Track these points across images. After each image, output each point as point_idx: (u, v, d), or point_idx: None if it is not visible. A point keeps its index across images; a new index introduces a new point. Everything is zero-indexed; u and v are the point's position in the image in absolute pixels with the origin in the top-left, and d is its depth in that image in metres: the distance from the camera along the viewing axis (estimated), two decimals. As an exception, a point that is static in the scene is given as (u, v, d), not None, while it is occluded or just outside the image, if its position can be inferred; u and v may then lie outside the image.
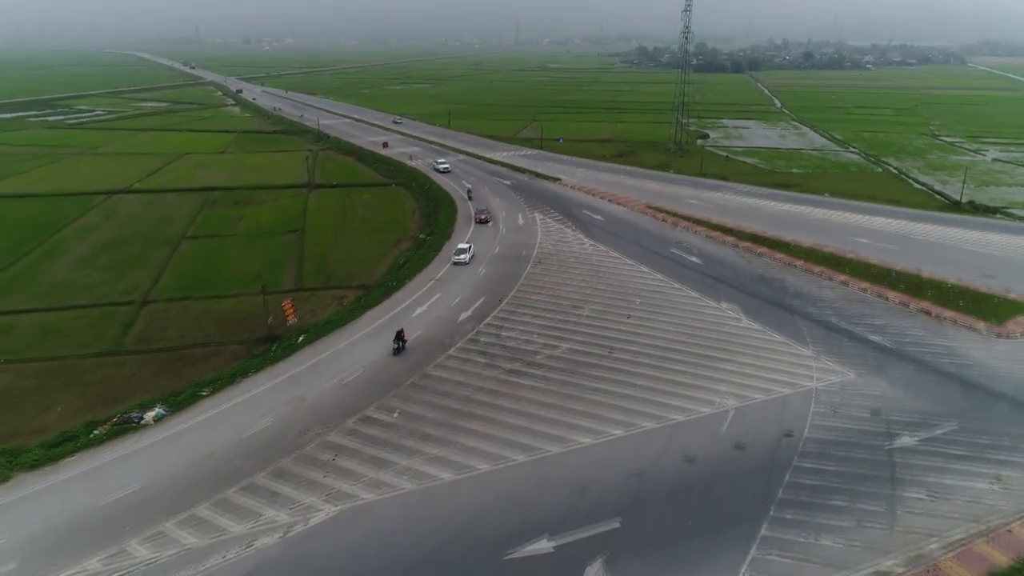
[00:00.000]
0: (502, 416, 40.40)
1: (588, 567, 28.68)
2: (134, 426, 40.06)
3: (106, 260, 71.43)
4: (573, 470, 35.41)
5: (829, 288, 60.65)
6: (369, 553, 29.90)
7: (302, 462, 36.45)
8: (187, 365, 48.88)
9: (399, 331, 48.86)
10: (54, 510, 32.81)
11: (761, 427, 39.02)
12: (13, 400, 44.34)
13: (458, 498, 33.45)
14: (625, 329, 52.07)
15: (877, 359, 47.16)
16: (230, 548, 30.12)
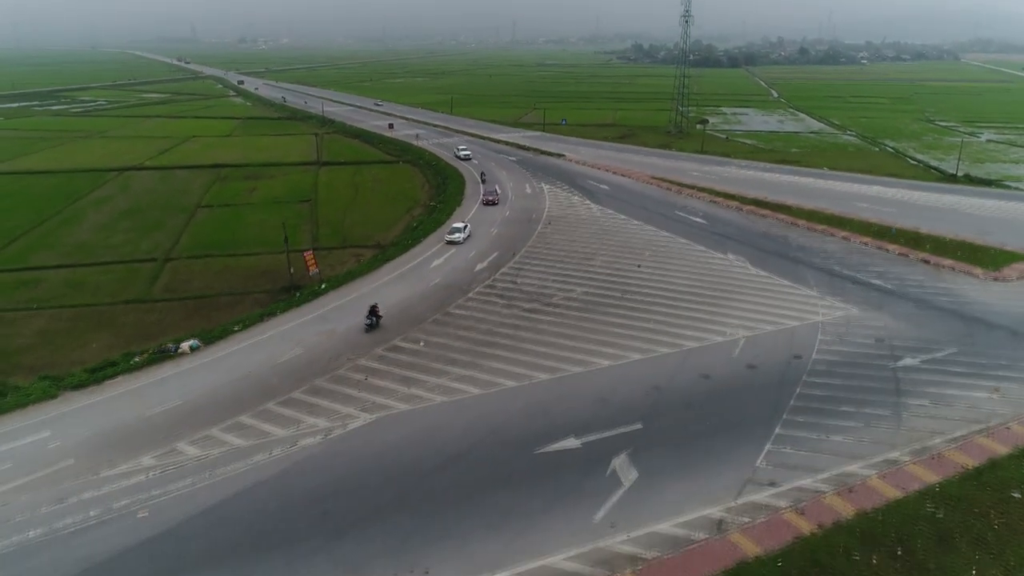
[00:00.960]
0: (524, 345, 42.24)
1: (614, 459, 30.50)
2: (171, 355, 41.74)
3: (125, 225, 73.08)
4: (594, 385, 37.27)
5: (831, 242, 62.73)
6: (407, 449, 31.69)
7: (336, 381, 38.25)
8: (214, 311, 50.52)
9: (372, 306, 45.30)
10: (103, 420, 34.50)
11: (771, 352, 40.94)
12: (49, 339, 45.95)
13: (487, 407, 35.30)
14: (637, 276, 53.99)
15: (879, 298, 49.17)
16: (274, 447, 31.87)
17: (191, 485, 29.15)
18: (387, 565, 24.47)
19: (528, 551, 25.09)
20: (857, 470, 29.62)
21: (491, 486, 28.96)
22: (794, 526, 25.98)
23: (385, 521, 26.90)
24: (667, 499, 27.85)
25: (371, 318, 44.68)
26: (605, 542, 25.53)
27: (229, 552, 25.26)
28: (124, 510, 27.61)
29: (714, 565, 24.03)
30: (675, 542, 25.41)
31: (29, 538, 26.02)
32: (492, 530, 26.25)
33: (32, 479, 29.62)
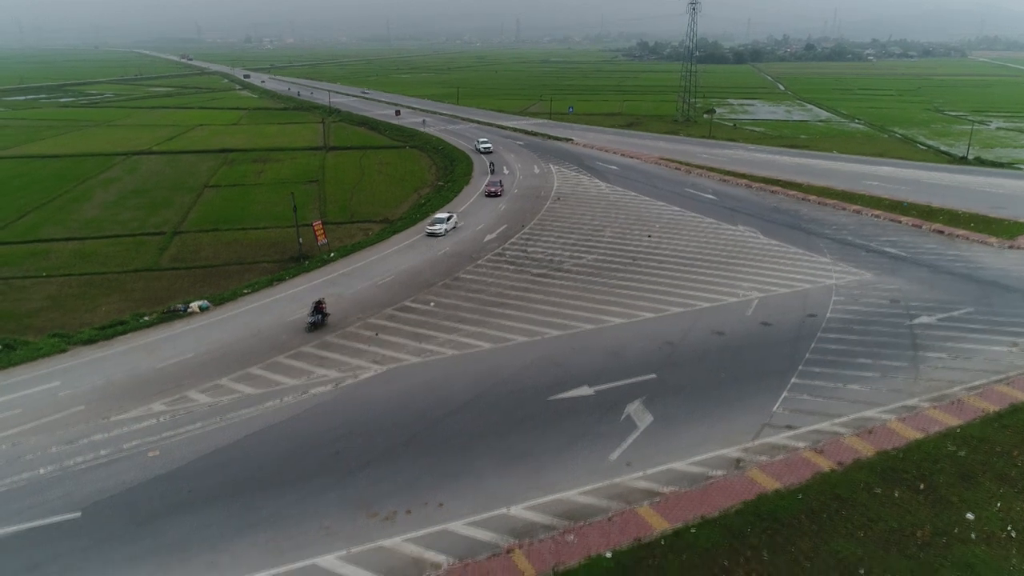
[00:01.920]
0: (534, 305, 41.92)
1: (628, 406, 30.14)
2: (180, 314, 41.58)
3: (133, 203, 73.04)
4: (606, 341, 36.91)
5: (842, 216, 62.23)
6: (419, 397, 31.38)
7: (346, 337, 37.99)
8: (222, 279, 50.32)
9: (318, 302, 39.65)
10: (113, 370, 34.32)
11: (784, 311, 40.51)
12: (58, 303, 45.83)
13: (498, 359, 34.98)
14: (647, 245, 53.62)
15: (893, 265, 48.67)
16: (285, 395, 31.60)
17: (201, 428, 28.91)
18: (399, 500, 24.15)
19: (543, 487, 24.74)
20: (876, 415, 29.19)
21: (504, 429, 28.64)
22: (813, 463, 25.56)
23: (397, 461, 26.60)
24: (683, 441, 27.47)
25: (316, 315, 38.95)
26: (620, 478, 25.17)
27: (240, 488, 24.98)
28: (134, 450, 27.38)
29: (733, 498, 23.63)
30: (692, 479, 25.03)
31: (40, 474, 25.81)
32: (506, 469, 25.91)
33: (42, 423, 29.42)
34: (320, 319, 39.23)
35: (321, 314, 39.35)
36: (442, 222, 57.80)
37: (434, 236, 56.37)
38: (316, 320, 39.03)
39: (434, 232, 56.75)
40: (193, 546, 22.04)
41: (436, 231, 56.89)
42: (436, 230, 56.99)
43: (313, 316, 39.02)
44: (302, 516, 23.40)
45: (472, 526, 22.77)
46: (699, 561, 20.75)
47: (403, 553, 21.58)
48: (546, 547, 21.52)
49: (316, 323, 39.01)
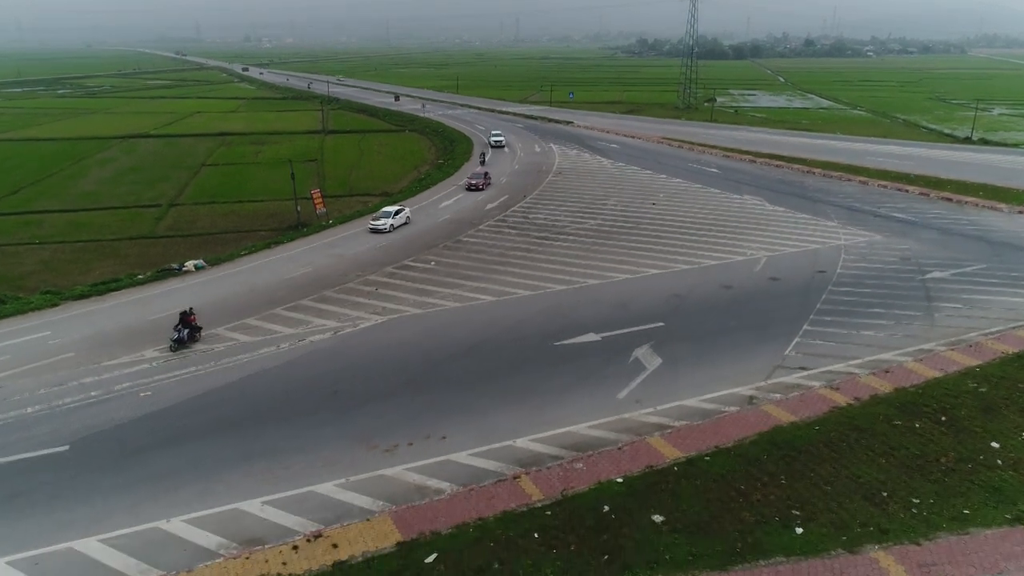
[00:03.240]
0: (537, 264, 41.02)
1: (636, 349, 29.21)
2: (175, 273, 40.65)
3: (130, 179, 72.06)
4: (612, 294, 36.02)
5: (848, 186, 61.39)
6: (420, 343, 30.45)
7: (345, 292, 37.06)
8: (219, 245, 49.26)
9: (184, 312, 30.67)
10: (105, 322, 33.37)
11: (793, 268, 39.63)
12: (52, 267, 44.82)
13: (502, 310, 34.08)
14: (652, 213, 52.73)
15: (902, 228, 47.79)
16: (282, 343, 30.65)
17: (195, 371, 27.96)
18: (400, 434, 23.20)
19: (549, 421, 23.79)
20: (892, 357, 28.27)
21: (508, 371, 27.71)
22: (829, 399, 24.63)
23: (396, 399, 25.66)
24: (693, 381, 26.55)
25: (181, 329, 29.98)
26: (630, 414, 24.25)
27: (233, 425, 24.01)
28: (125, 391, 26.42)
29: (748, 429, 22.68)
30: (704, 414, 24.09)
31: (27, 412, 24.83)
32: (511, 405, 24.97)
33: (30, 368, 28.44)
34: (185, 335, 29.92)
35: (189, 328, 30.19)
36: (388, 216, 49.10)
37: (377, 232, 47.77)
38: (182, 336, 29.84)
39: (377, 228, 48.05)
40: (184, 476, 21.09)
41: (379, 227, 48.03)
42: (379, 226, 48.07)
43: (178, 331, 29.92)
44: (299, 449, 22.45)
45: (476, 456, 21.84)
46: (713, 486, 19.81)
47: (405, 481, 20.64)
48: (554, 473, 20.58)
49: (182, 340, 29.82)
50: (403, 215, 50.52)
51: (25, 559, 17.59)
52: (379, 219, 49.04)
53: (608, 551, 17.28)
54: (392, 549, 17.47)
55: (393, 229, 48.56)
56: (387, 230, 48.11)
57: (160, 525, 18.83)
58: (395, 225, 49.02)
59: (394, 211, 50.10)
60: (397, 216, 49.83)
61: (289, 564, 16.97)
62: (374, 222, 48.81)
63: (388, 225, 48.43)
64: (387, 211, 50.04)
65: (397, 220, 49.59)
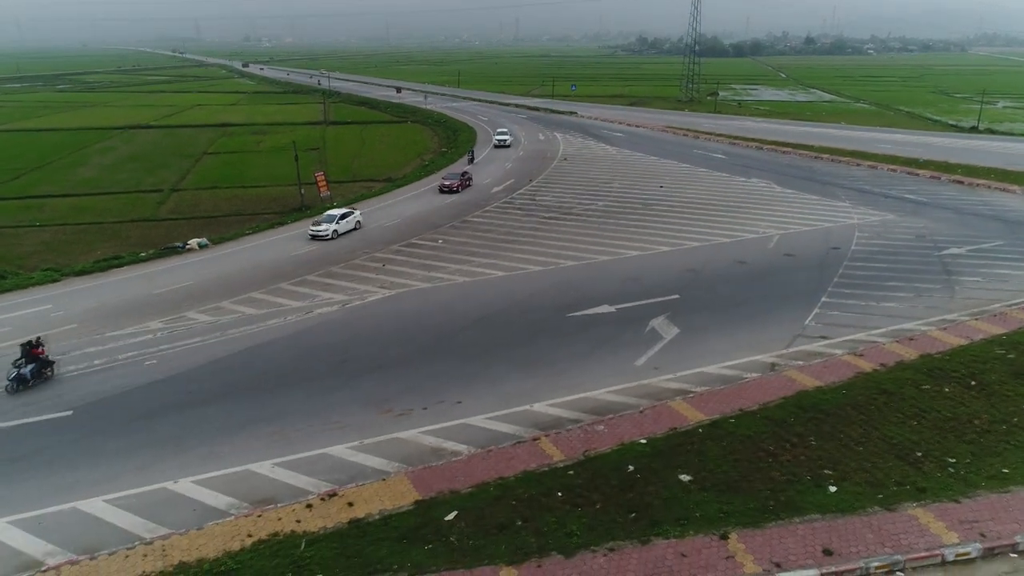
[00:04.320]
0: (546, 242, 40.35)
1: (653, 320, 28.54)
2: (179, 251, 39.98)
3: (130, 167, 71.31)
4: (624, 269, 35.37)
5: (857, 170, 60.73)
6: (430, 315, 29.78)
7: (352, 268, 36.43)
8: (223, 227, 48.43)
9: (27, 344, 23.89)
10: (108, 296, 32.70)
11: (807, 245, 38.95)
12: (53, 248, 44.08)
13: (513, 284, 33.42)
14: (659, 195, 52.07)
15: (915, 208, 47.12)
16: (289, 315, 29.98)
17: (201, 341, 27.28)
18: (414, 399, 22.53)
19: (566, 387, 23.12)
20: (914, 327, 27.58)
21: (521, 340, 27.05)
22: (854, 365, 23.94)
23: (408, 366, 24.99)
24: (712, 349, 25.86)
25: (23, 364, 23.45)
26: (649, 380, 23.56)
27: (240, 390, 23.34)
28: (130, 360, 25.73)
29: (772, 393, 22.00)
30: (725, 380, 23.39)
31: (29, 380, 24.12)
32: (527, 372, 24.30)
33: (32, 338, 27.73)
34: (32, 371, 23.49)
35: (37, 362, 23.71)
36: (332, 220, 42.07)
37: (318, 239, 41.25)
38: (23, 374, 23.27)
39: (318, 234, 41.29)
40: (191, 439, 20.39)
41: (320, 233, 41.25)
42: (320, 232, 41.31)
43: (19, 366, 23.37)
44: (309, 413, 21.76)
45: (493, 420, 21.16)
46: (740, 446, 19.13)
47: (420, 443, 19.95)
48: (574, 435, 19.90)
49: (23, 378, 23.26)
50: (351, 219, 43.34)
51: (28, 519, 16.90)
52: (320, 224, 41.96)
53: (635, 509, 16.59)
54: (410, 507, 16.78)
55: (337, 236, 41.54)
56: (329, 237, 41.11)
57: (167, 486, 18.15)
58: (339, 231, 42.03)
59: (339, 215, 42.91)
60: (343, 221, 42.72)
61: (303, 522, 16.28)
62: (315, 228, 41.70)
63: (331, 231, 41.44)
64: (331, 215, 42.85)
65: (343, 225, 42.61)
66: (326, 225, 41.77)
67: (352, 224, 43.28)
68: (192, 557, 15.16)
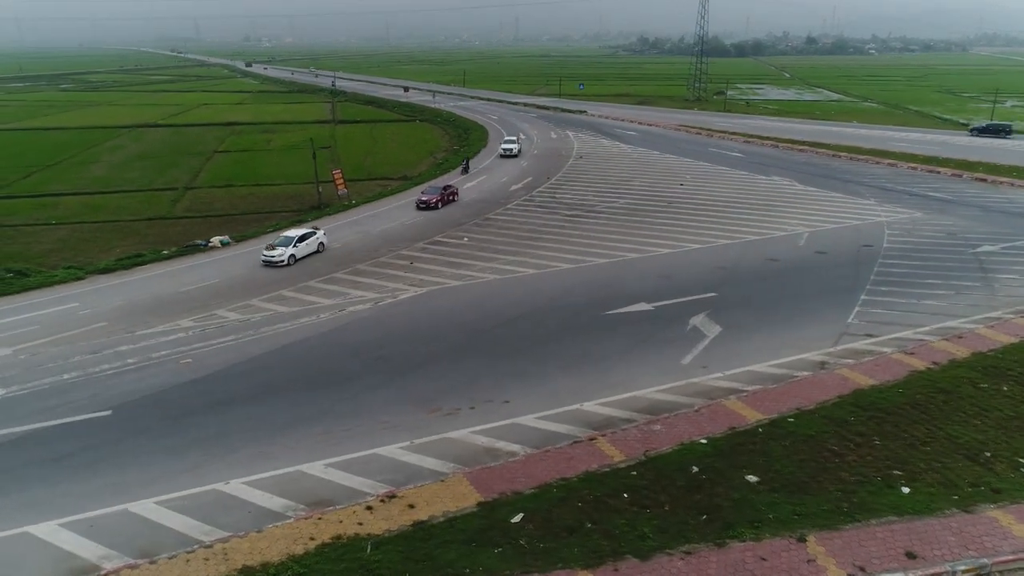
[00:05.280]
0: (572, 239, 39.89)
1: (693, 318, 28.07)
2: (201, 248, 39.46)
3: (140, 165, 70.71)
4: (656, 266, 34.91)
5: (877, 168, 60.30)
6: (465, 311, 29.31)
7: (379, 266, 35.90)
8: (240, 226, 47.87)
9: None
10: (135, 294, 32.16)
11: (838, 242, 38.52)
12: (71, 246, 43.48)
13: (544, 282, 32.94)
14: (680, 192, 51.64)
15: (941, 205, 46.70)
16: (322, 312, 29.48)
17: (235, 339, 26.76)
18: (460, 398, 22.05)
19: (614, 385, 22.65)
20: (959, 324, 27.14)
21: (562, 337, 26.58)
22: (906, 363, 23.50)
23: (449, 364, 24.51)
24: (757, 347, 25.41)
25: None
26: (699, 379, 23.10)
27: (282, 388, 22.84)
28: (164, 359, 25.21)
29: (827, 392, 21.56)
30: (775, 378, 22.93)
31: (64, 379, 23.61)
32: (571, 370, 23.82)
33: (62, 336, 27.25)
34: None
35: None
36: (288, 243, 36.01)
37: (271, 266, 35.40)
38: None
39: (271, 260, 35.42)
40: (237, 439, 19.89)
41: (274, 259, 35.32)
42: (274, 258, 35.36)
43: None
44: (355, 412, 21.28)
45: (544, 420, 20.68)
46: (803, 447, 18.66)
47: (473, 443, 19.46)
48: (631, 435, 19.43)
49: None
50: (312, 241, 37.43)
51: (79, 521, 16.37)
52: (275, 248, 35.77)
53: (705, 511, 16.12)
54: (473, 509, 16.29)
55: (295, 262, 35.74)
56: (284, 263, 35.24)
57: (218, 487, 17.64)
58: (297, 256, 36.09)
59: (298, 236, 36.66)
60: (302, 243, 36.63)
61: (366, 524, 15.79)
62: (268, 253, 35.60)
63: (287, 257, 35.36)
64: (288, 236, 36.58)
65: (302, 248, 36.51)
66: (281, 249, 35.61)
67: (314, 247, 37.45)
68: (255, 561, 14.66)
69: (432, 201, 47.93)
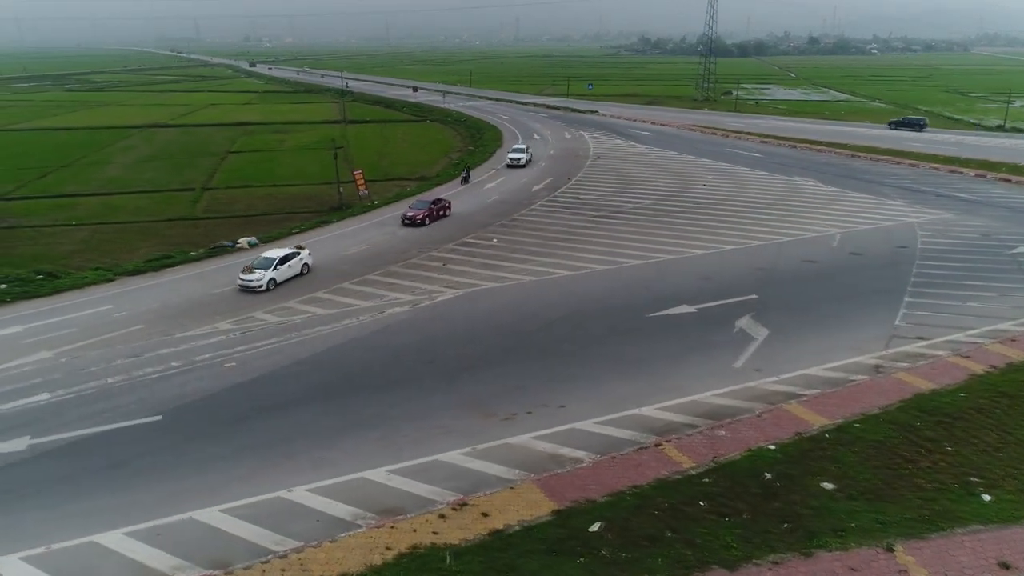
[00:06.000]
0: (603, 240, 39.56)
1: (738, 320, 27.74)
2: (229, 249, 39.11)
3: (155, 165, 70.32)
4: (692, 268, 34.59)
5: (899, 169, 60.01)
6: (506, 314, 28.96)
7: (411, 267, 35.57)
8: (263, 227, 47.50)
9: None
10: (168, 296, 31.80)
11: (872, 243, 38.22)
12: (93, 247, 43.12)
13: (582, 284, 32.61)
14: (703, 193, 51.30)
15: (969, 207, 46.40)
16: (362, 315, 29.12)
17: (277, 342, 26.41)
18: (515, 403, 21.71)
19: (669, 389, 22.32)
20: (1010, 327, 26.83)
21: (609, 340, 26.25)
22: (963, 367, 23.20)
23: (499, 368, 24.18)
24: (808, 350, 25.08)
25: None
26: (755, 383, 22.77)
27: (332, 393, 22.52)
28: (208, 362, 24.86)
29: (888, 397, 21.23)
30: (833, 383, 22.59)
31: (108, 383, 23.27)
32: (622, 374, 23.48)
33: (100, 339, 26.90)
34: None
35: None
36: (268, 266, 32.20)
37: (249, 291, 31.64)
38: None
39: (248, 285, 31.59)
40: (294, 444, 19.55)
41: (251, 283, 31.55)
42: (251, 282, 31.56)
43: None
44: (410, 416, 20.94)
45: (604, 425, 20.34)
46: (874, 452, 18.34)
47: (535, 449, 19.12)
48: (697, 441, 19.10)
49: None
50: (296, 262, 33.70)
51: (145, 530, 16.03)
52: (252, 271, 31.98)
53: (785, 518, 15.79)
54: (548, 517, 15.96)
55: (274, 286, 32.09)
56: (263, 288, 31.54)
57: (282, 495, 17.29)
58: (278, 280, 32.38)
59: (279, 258, 32.79)
60: (284, 266, 32.82)
61: (441, 533, 15.45)
62: (244, 277, 31.80)
63: (266, 282, 31.67)
64: (267, 258, 32.70)
65: (284, 271, 32.76)
66: (260, 273, 31.85)
67: (297, 269, 33.74)
68: (333, 571, 14.32)
69: (418, 217, 43.32)
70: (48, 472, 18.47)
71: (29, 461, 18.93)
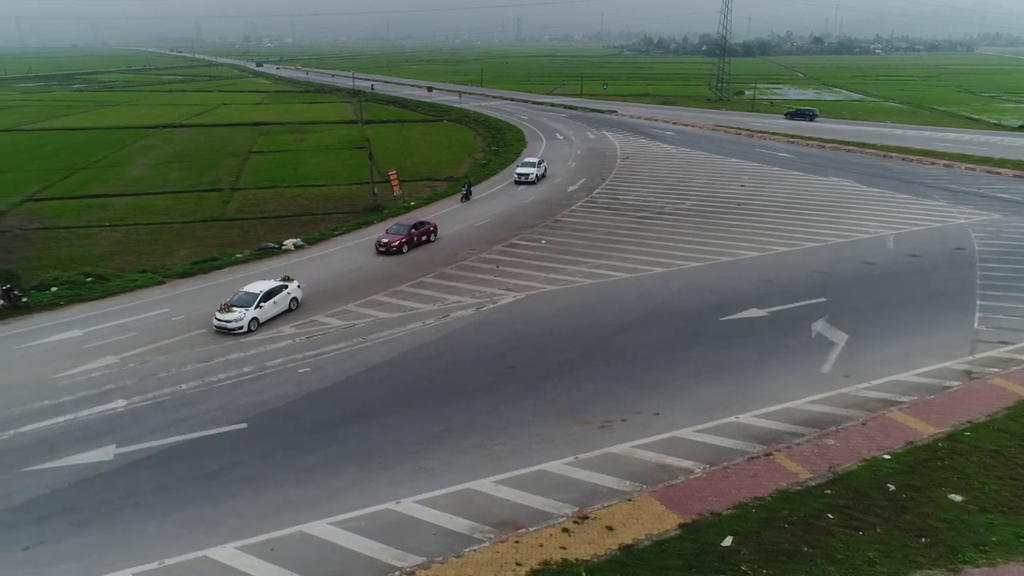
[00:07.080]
0: (653, 242, 39.01)
1: (813, 324, 27.21)
2: (275, 251, 38.53)
3: (178, 166, 69.71)
4: (750, 270, 34.05)
5: (934, 169, 59.50)
6: (573, 318, 28.39)
7: (464, 269, 35.00)
8: (299, 227, 46.94)
9: None
10: (223, 298, 31.00)
11: (927, 245, 37.71)
12: (130, 248, 42.55)
13: (643, 286, 32.03)
14: (742, 193, 50.77)
15: (1016, 208, 45.91)
16: (426, 318, 28.56)
17: (346, 347, 25.85)
18: (607, 409, 21.17)
19: (760, 396, 21.79)
20: (1093, 332, 26.34)
21: (685, 344, 25.71)
22: (1060, 372, 22.69)
23: (581, 372, 23.63)
24: (894, 354, 24.57)
25: None
26: (847, 389, 22.23)
27: (414, 400, 21.95)
28: (281, 367, 24.31)
29: (992, 404, 20.72)
30: (927, 389, 22.07)
31: (183, 389, 22.70)
32: (709, 380, 22.94)
33: (164, 344, 26.34)
34: None
35: None
36: (250, 303, 27.78)
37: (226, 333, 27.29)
38: None
39: (225, 326, 27.24)
40: (390, 453, 19.00)
41: (229, 324, 27.15)
42: (229, 323, 27.17)
43: None
44: (502, 424, 20.39)
45: (703, 433, 19.80)
46: (994, 462, 17.82)
47: (640, 459, 18.57)
48: (807, 450, 18.56)
49: None
50: (283, 298, 29.24)
51: (257, 544, 15.46)
52: (232, 310, 27.50)
53: (922, 533, 15.26)
54: (676, 531, 15.41)
55: (257, 327, 27.67)
56: (244, 330, 27.20)
57: (391, 507, 16.72)
58: (261, 320, 27.94)
59: (264, 292, 28.39)
60: (267, 302, 28.33)
61: (569, 548, 14.89)
62: (222, 317, 27.30)
63: (246, 322, 27.24)
64: (250, 293, 28.35)
65: (268, 309, 28.33)
66: (240, 312, 27.37)
67: (285, 304, 29.39)
68: (467, 590, 13.77)
69: (394, 244, 37.46)
70: (141, 482, 17.91)
71: (120, 471, 18.36)
